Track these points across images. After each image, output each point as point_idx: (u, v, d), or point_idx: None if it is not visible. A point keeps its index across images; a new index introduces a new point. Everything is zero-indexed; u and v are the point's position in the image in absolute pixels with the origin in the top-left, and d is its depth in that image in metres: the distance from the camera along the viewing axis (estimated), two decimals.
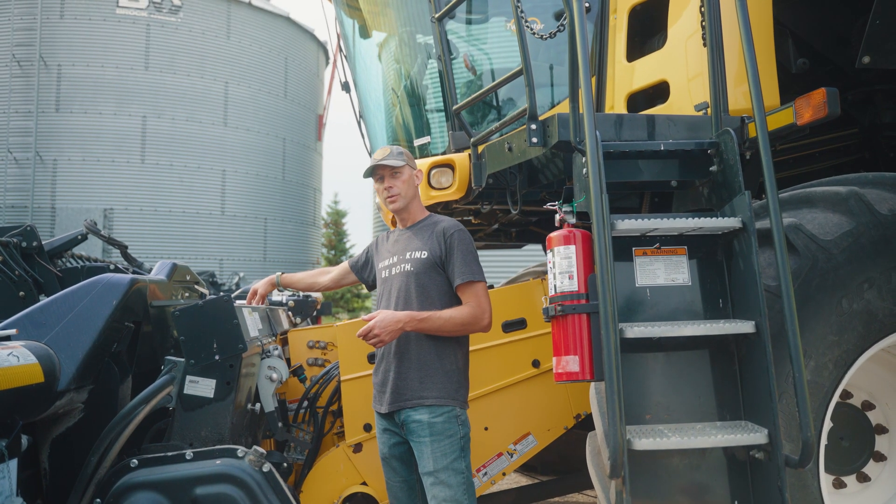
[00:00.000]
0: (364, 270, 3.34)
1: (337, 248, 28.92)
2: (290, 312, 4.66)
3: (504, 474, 3.74)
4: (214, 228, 16.46)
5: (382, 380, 2.96)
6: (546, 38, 2.80)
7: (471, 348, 3.75)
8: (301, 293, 4.93)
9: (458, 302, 2.90)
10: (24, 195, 15.03)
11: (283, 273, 3.66)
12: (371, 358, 3.74)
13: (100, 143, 15.36)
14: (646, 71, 3.68)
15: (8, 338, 2.23)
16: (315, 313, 5.43)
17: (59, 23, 15.41)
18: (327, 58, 21.14)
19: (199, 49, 16.43)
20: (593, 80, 3.69)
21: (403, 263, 2.96)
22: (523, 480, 5.07)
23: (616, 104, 3.74)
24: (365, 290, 27.47)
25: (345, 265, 3.47)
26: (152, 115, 15.79)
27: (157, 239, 14.96)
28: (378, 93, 5.14)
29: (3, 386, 1.97)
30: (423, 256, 2.90)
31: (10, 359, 2.07)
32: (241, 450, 2.44)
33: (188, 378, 2.55)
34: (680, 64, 3.48)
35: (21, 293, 3.84)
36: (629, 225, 2.38)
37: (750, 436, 2.23)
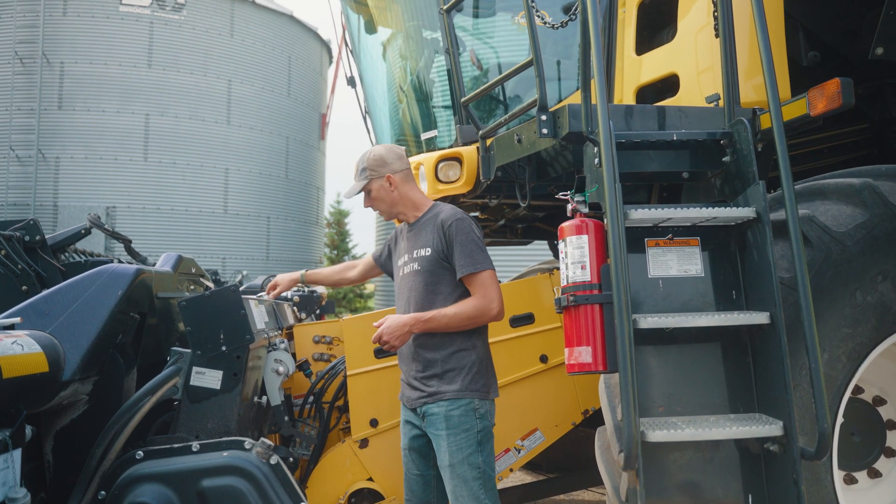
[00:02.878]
0: (388, 264, 3.29)
1: (339, 247, 28.84)
2: (295, 308, 4.63)
3: (511, 470, 3.72)
4: (217, 227, 16.43)
5: (405, 375, 2.96)
6: (557, 28, 2.78)
7: None
8: (307, 288, 4.89)
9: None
10: (26, 193, 15.01)
11: (307, 270, 3.59)
12: (378, 353, 3.72)
13: (102, 141, 15.32)
14: (655, 64, 3.65)
15: (12, 326, 2.20)
16: (319, 311, 5.40)
17: (61, 20, 15.38)
18: (331, 56, 21.11)
19: (202, 47, 16.39)
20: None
21: (412, 263, 2.93)
22: (528, 479, 5.04)
23: (625, 98, 3.71)
24: (367, 290, 27.44)
25: (369, 259, 3.43)
26: (155, 112, 15.75)
27: (160, 237, 14.92)
28: (384, 88, 5.12)
29: (6, 374, 1.94)
30: (427, 254, 2.87)
31: (14, 347, 2.04)
32: (248, 442, 2.41)
33: (194, 369, 2.53)
34: (690, 57, 3.45)
35: (24, 287, 3.82)
36: (642, 214, 2.35)
37: (765, 428, 2.20)
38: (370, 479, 3.63)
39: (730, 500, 2.33)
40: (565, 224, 2.40)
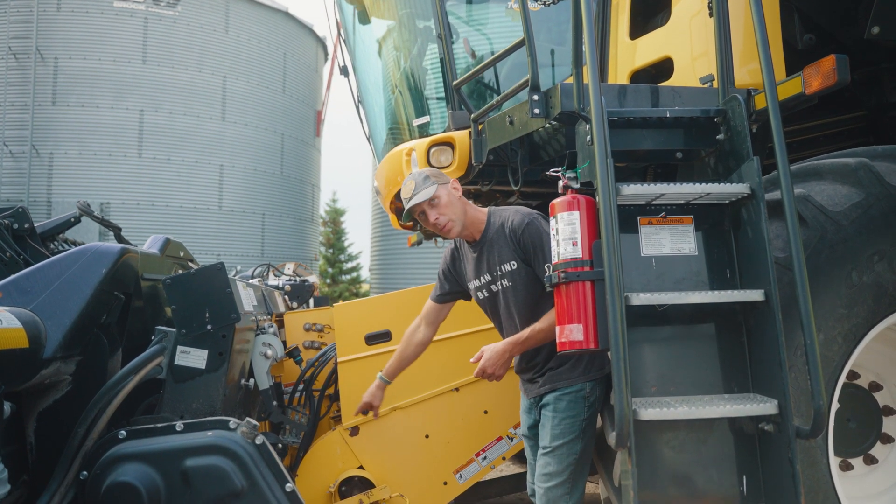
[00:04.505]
0: (455, 289, 3.12)
1: (335, 246, 28.79)
2: (286, 297, 4.59)
3: (504, 458, 3.69)
4: (212, 223, 16.37)
5: (523, 371, 2.94)
6: (549, 5, 2.74)
7: (470, 330, 3.70)
8: (298, 278, 4.87)
9: None
10: (20, 189, 14.94)
11: (381, 372, 3.28)
12: (369, 339, 3.69)
13: (97, 137, 15.25)
14: (649, 48, 3.63)
15: None
16: (312, 303, 5.37)
17: (55, 15, 15.32)
18: (326, 53, 21.06)
19: (197, 43, 16.34)
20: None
21: (500, 280, 2.84)
22: (519, 470, 5.00)
23: (619, 82, 3.68)
24: (363, 290, 27.40)
25: (429, 306, 3.19)
26: (150, 108, 15.69)
27: (154, 233, 14.75)
28: (377, 76, 5.09)
29: None
30: (514, 268, 2.79)
31: None
32: (233, 421, 2.36)
33: (179, 348, 2.48)
34: (684, 41, 3.43)
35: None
36: (634, 190, 2.31)
37: (760, 406, 2.17)
38: (361, 468, 3.59)
39: (724, 482, 2.30)
40: (556, 200, 2.36)
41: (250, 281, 3.70)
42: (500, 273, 2.84)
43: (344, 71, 5.33)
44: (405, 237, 5.65)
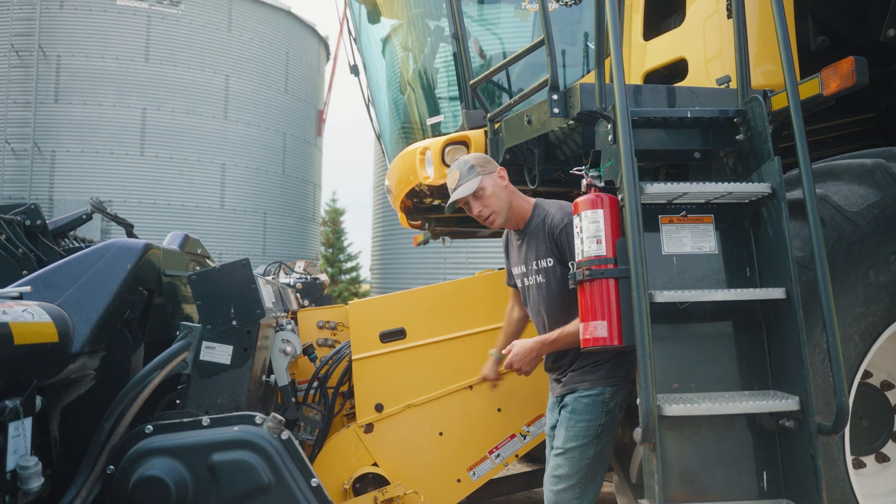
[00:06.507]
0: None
1: (335, 246, 28.76)
2: (297, 294, 4.61)
3: (517, 456, 3.71)
4: (214, 222, 16.34)
5: (550, 371, 2.97)
6: (570, 5, 2.76)
7: (484, 328, 3.73)
8: (309, 276, 4.89)
9: None
10: (21, 187, 14.90)
11: (493, 350, 3.38)
12: (383, 337, 3.71)
13: (99, 135, 15.21)
14: (663, 49, 3.65)
15: (20, 296, 2.17)
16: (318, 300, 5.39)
17: (58, 13, 15.28)
18: (328, 53, 21.06)
19: (199, 42, 16.31)
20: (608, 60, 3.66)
21: (536, 275, 2.88)
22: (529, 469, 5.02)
23: (632, 83, 3.70)
24: (363, 290, 27.40)
25: (511, 291, 3.28)
26: (152, 107, 15.66)
27: (157, 232, 14.75)
28: (388, 76, 5.10)
29: (18, 341, 1.91)
30: (549, 265, 2.81)
31: (25, 315, 2.01)
32: (259, 416, 2.38)
33: (204, 344, 2.49)
34: (698, 42, 3.45)
35: (24, 272, 3.78)
36: (658, 189, 2.34)
37: (781, 402, 2.19)
38: (375, 465, 3.61)
39: (744, 477, 2.32)
40: (580, 199, 2.38)
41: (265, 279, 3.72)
42: (535, 268, 2.86)
43: (354, 70, 5.34)
44: (407, 237, 5.67)
